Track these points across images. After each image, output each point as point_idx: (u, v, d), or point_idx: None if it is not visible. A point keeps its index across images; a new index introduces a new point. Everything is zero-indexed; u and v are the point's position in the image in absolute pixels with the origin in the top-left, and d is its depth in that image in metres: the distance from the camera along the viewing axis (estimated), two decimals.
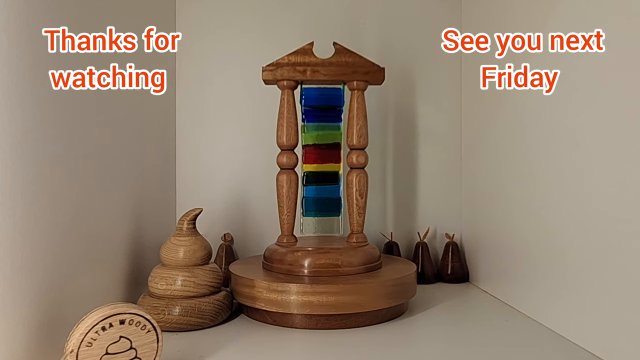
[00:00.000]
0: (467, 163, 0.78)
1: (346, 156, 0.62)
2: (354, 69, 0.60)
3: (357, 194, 0.61)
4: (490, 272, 0.68)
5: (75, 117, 0.46)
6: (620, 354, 0.41)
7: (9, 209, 0.36)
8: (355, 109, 0.61)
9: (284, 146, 0.60)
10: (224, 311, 0.55)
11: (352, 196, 0.61)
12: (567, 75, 0.49)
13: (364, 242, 0.61)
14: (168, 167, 0.76)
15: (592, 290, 0.45)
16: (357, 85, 0.61)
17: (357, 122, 0.61)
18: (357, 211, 0.61)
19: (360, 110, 0.61)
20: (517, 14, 0.60)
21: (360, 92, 0.61)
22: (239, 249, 0.78)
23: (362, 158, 0.61)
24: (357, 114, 0.61)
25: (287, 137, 0.60)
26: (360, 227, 0.62)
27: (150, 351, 0.39)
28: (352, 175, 0.61)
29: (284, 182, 0.60)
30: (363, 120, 0.61)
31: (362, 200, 0.61)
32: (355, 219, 0.62)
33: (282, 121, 0.60)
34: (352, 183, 0.61)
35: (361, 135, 0.61)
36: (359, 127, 0.61)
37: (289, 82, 0.60)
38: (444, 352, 0.47)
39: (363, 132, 0.61)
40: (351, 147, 0.62)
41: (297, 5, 0.79)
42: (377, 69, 0.61)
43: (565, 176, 0.49)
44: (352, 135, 0.61)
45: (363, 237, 0.62)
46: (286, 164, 0.60)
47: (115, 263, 0.55)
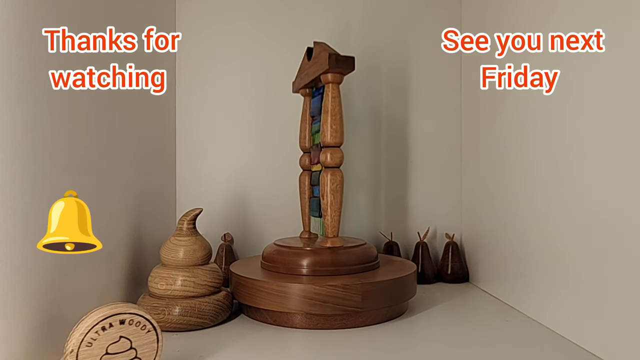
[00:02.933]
0: (467, 163, 0.78)
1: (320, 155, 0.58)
2: (326, 63, 0.55)
3: (331, 195, 0.56)
4: (490, 272, 0.68)
5: (76, 117, 0.46)
6: (620, 354, 0.41)
7: (9, 209, 0.36)
8: (329, 104, 0.56)
9: (305, 149, 0.69)
10: (224, 311, 0.55)
11: (326, 198, 0.56)
12: (567, 75, 0.49)
13: (340, 247, 0.57)
14: (168, 167, 0.76)
15: (592, 290, 0.45)
16: (331, 78, 0.56)
17: (329, 118, 0.56)
18: (331, 214, 0.57)
19: (334, 105, 0.56)
20: (517, 14, 0.60)
21: (335, 86, 0.57)
22: (239, 249, 0.78)
23: (336, 156, 0.56)
24: (330, 110, 0.56)
25: (301, 140, 0.69)
26: (335, 230, 0.57)
27: (150, 351, 0.39)
28: (326, 175, 0.56)
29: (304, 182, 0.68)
30: (336, 116, 0.56)
31: (337, 202, 0.56)
32: (330, 222, 0.57)
33: (303, 125, 0.68)
34: (325, 183, 0.56)
35: (334, 131, 0.56)
36: (331, 122, 0.56)
37: (303, 90, 0.68)
38: (444, 352, 0.47)
39: (335, 128, 0.56)
40: (324, 144, 0.57)
41: (297, 6, 0.79)
42: (344, 58, 0.55)
43: (565, 176, 0.49)
44: (325, 132, 0.56)
45: (339, 241, 0.58)
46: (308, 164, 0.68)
47: (115, 263, 0.55)
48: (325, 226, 0.58)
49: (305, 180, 0.69)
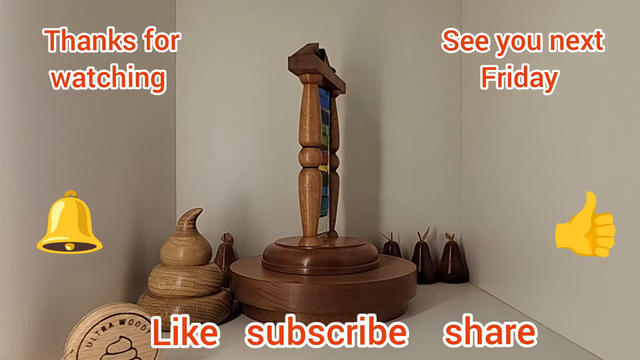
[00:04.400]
0: (467, 163, 0.78)
1: (330, 158, 0.68)
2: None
3: (336, 194, 0.69)
4: (490, 272, 0.68)
5: (75, 117, 0.46)
6: (621, 354, 0.41)
7: (9, 209, 0.36)
8: (302, 104, 0.60)
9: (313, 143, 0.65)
10: (224, 311, 0.55)
11: (334, 196, 0.68)
12: (567, 75, 0.49)
13: (340, 247, 0.61)
14: (168, 167, 0.76)
15: (592, 290, 0.45)
16: (302, 79, 0.59)
17: (336, 127, 0.69)
18: (302, 213, 0.61)
19: (304, 105, 0.60)
20: (517, 14, 0.60)
21: (307, 86, 0.60)
22: (239, 249, 0.78)
23: (306, 156, 0.60)
24: (302, 110, 0.60)
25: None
26: (307, 230, 0.61)
27: (150, 351, 0.39)
28: (335, 177, 0.69)
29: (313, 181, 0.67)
30: (305, 117, 0.60)
31: (306, 202, 0.60)
32: (334, 217, 0.70)
33: (315, 117, 0.63)
34: (335, 184, 0.69)
35: (304, 131, 0.60)
36: (301, 123, 0.60)
37: (319, 77, 0.60)
38: (444, 352, 0.47)
39: (305, 128, 0.60)
40: (334, 150, 0.68)
41: (297, 6, 0.79)
42: (303, 58, 0.58)
43: (565, 176, 0.49)
44: (336, 139, 0.67)
45: (315, 241, 0.61)
46: (318, 162, 0.64)
47: (115, 263, 0.55)
48: (331, 221, 0.70)
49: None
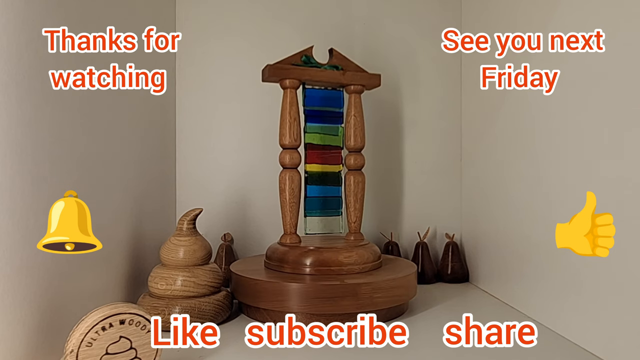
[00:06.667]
0: (467, 163, 0.78)
1: (345, 158, 0.64)
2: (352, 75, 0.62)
3: (355, 195, 0.63)
4: (490, 272, 0.68)
5: (75, 117, 0.46)
6: (621, 354, 0.41)
7: (9, 209, 0.36)
8: (353, 111, 0.62)
9: (288, 145, 0.60)
10: (224, 311, 0.55)
11: (351, 197, 0.63)
12: (567, 75, 0.49)
13: (362, 240, 0.62)
14: (168, 167, 0.76)
15: (592, 290, 0.45)
16: (354, 89, 0.62)
17: (355, 125, 0.63)
18: (355, 212, 0.63)
19: (358, 112, 0.62)
20: (517, 14, 0.60)
21: (357, 95, 0.63)
22: (239, 249, 0.78)
23: (359, 160, 0.63)
24: (354, 117, 0.62)
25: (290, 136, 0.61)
26: (358, 227, 0.64)
27: (150, 351, 0.39)
28: (351, 177, 0.63)
29: (286, 180, 0.60)
30: (360, 123, 0.62)
31: (360, 201, 0.63)
32: (353, 219, 0.64)
33: (286, 121, 0.60)
34: (350, 184, 0.63)
35: (358, 137, 0.62)
36: (357, 129, 0.62)
37: (292, 82, 0.60)
38: (444, 352, 0.47)
39: (360, 134, 0.62)
40: (350, 149, 0.63)
41: (296, 6, 0.79)
42: (371, 76, 0.62)
43: (565, 176, 0.49)
44: (350, 138, 0.63)
45: (361, 235, 0.64)
46: (289, 163, 0.60)
47: (115, 263, 0.55)
48: (349, 222, 0.65)
49: (298, 178, 0.64)
